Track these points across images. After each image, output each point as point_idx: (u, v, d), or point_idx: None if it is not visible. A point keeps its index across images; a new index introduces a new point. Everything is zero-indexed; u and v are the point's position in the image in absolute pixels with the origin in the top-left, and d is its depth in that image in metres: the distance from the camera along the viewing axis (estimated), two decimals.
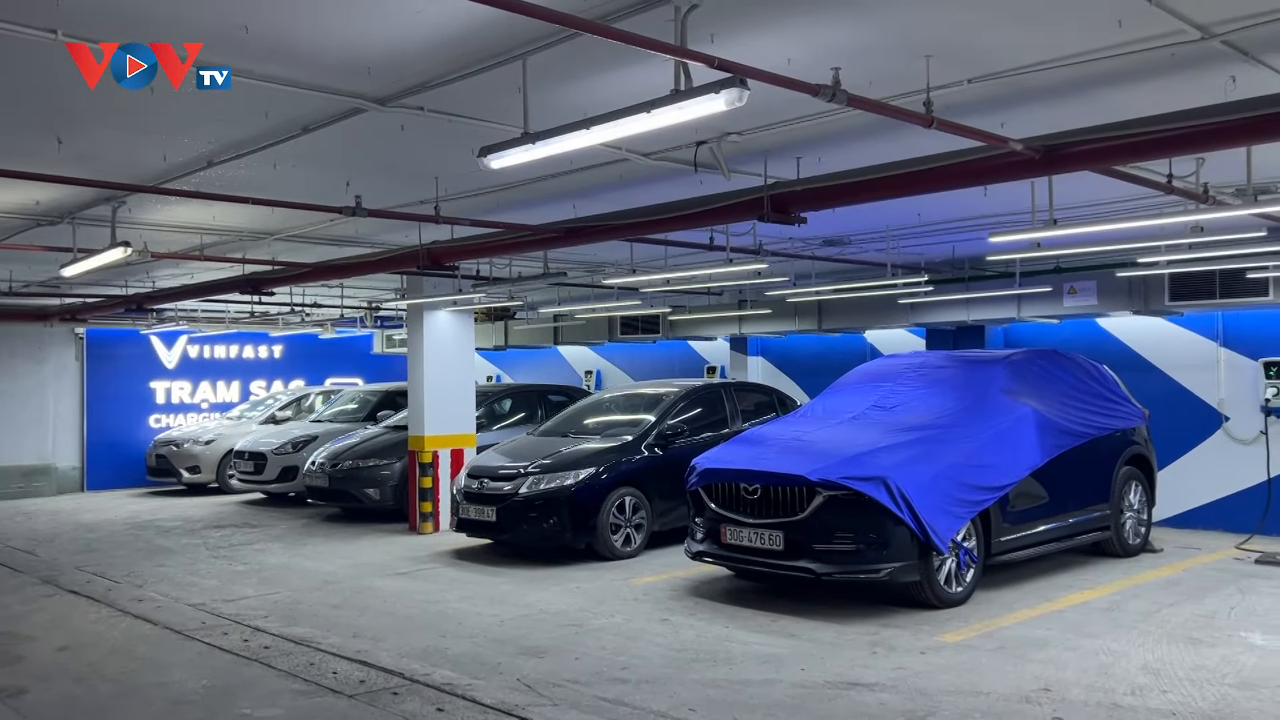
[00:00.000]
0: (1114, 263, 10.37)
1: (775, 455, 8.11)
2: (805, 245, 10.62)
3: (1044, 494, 8.48)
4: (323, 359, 19.80)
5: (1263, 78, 4.97)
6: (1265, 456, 10.66)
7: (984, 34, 4.60)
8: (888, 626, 7.07)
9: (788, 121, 5.94)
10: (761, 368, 16.10)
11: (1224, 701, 5.40)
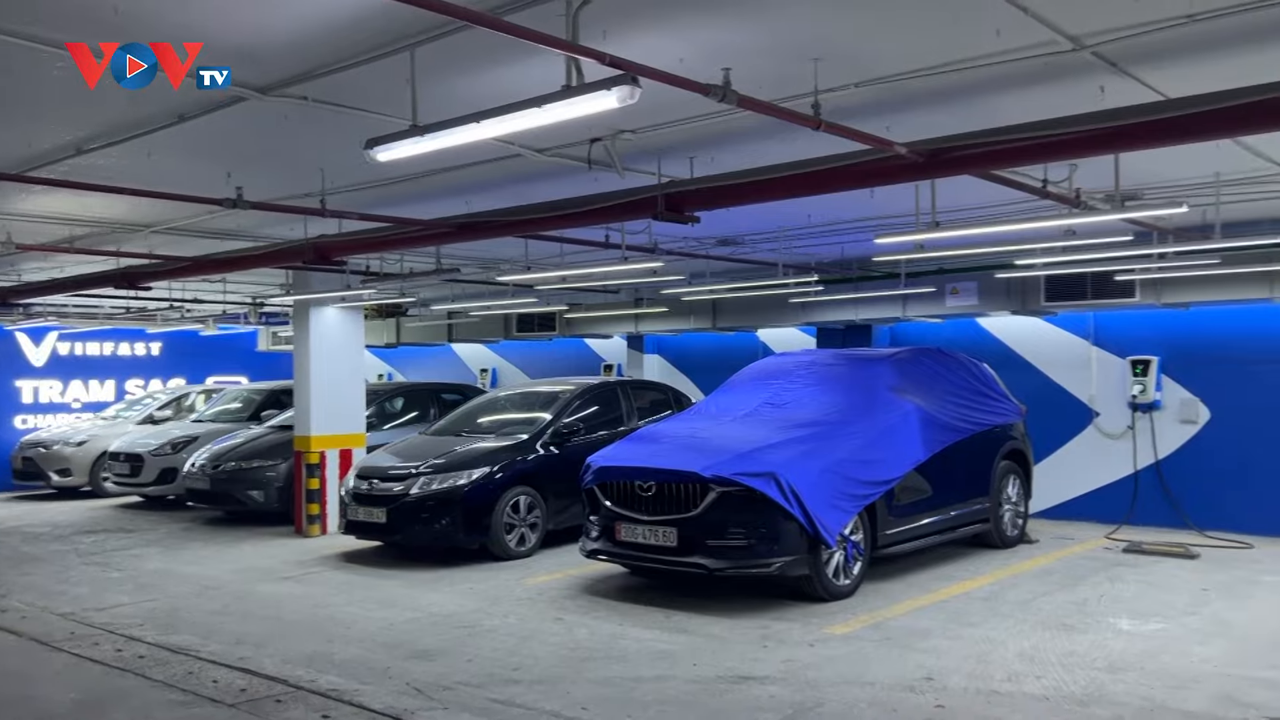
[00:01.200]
0: (993, 264, 10.76)
1: (669, 452, 8.16)
2: (700, 245, 10.71)
3: (927, 488, 8.74)
4: (204, 357, 19.09)
5: (1129, 88, 5.21)
6: (1132, 450, 11.22)
7: (870, 39, 4.71)
8: (778, 620, 7.18)
9: (681, 121, 5.98)
10: (658, 366, 16.19)
11: (1094, 685, 5.65)
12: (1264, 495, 10.34)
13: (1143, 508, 11.05)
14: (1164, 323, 11.09)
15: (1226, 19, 4.33)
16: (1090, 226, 7.70)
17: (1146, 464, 11.14)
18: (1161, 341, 11.15)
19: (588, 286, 13.12)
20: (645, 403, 11.41)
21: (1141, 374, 11.07)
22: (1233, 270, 9.22)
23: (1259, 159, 6.90)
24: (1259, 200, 8.17)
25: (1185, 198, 7.27)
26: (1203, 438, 10.86)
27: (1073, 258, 8.99)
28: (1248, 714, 5.15)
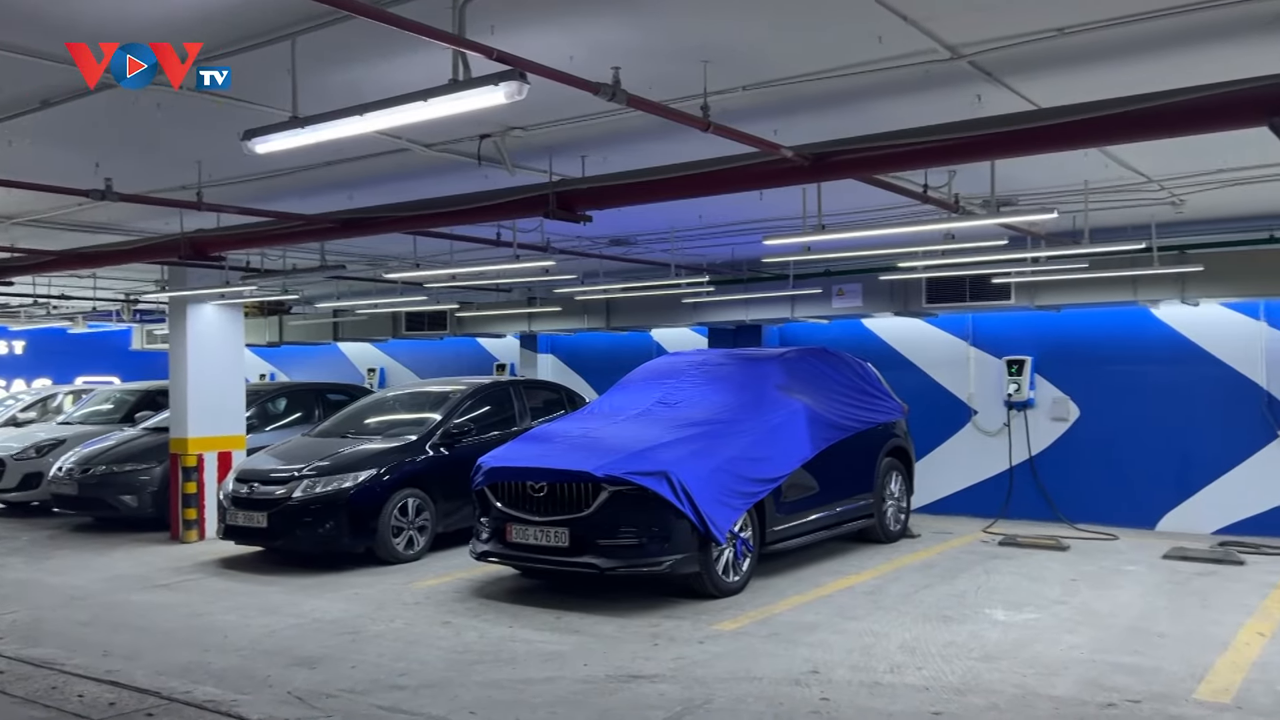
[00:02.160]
0: (878, 267, 11.05)
1: (562, 452, 8.13)
2: (593, 244, 10.70)
3: (814, 485, 8.93)
4: (73, 355, 18.20)
5: (1004, 97, 5.40)
6: (1008, 447, 11.67)
7: (757, 43, 4.76)
8: (669, 618, 7.22)
9: (572, 119, 5.95)
10: (552, 365, 16.12)
11: (970, 674, 5.84)
12: (1128, 489, 10.89)
13: (1018, 502, 11.51)
14: (1037, 324, 11.57)
15: (1095, 33, 4.51)
16: (968, 231, 7.98)
17: (1021, 460, 11.60)
18: (1035, 342, 11.63)
19: (479, 285, 12.97)
20: (539, 403, 11.33)
21: (1016, 373, 11.52)
22: (1100, 274, 9.68)
23: (1124, 169, 7.25)
24: (1124, 208, 8.58)
25: (1056, 204, 7.60)
26: (1073, 434, 11.37)
27: (952, 261, 9.30)
28: (1111, 698, 5.40)
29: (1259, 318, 10.33)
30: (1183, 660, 6.05)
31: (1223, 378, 10.49)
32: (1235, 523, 10.29)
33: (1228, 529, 10.28)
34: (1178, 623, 6.93)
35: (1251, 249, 9.83)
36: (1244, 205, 8.70)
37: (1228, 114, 4.51)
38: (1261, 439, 10.27)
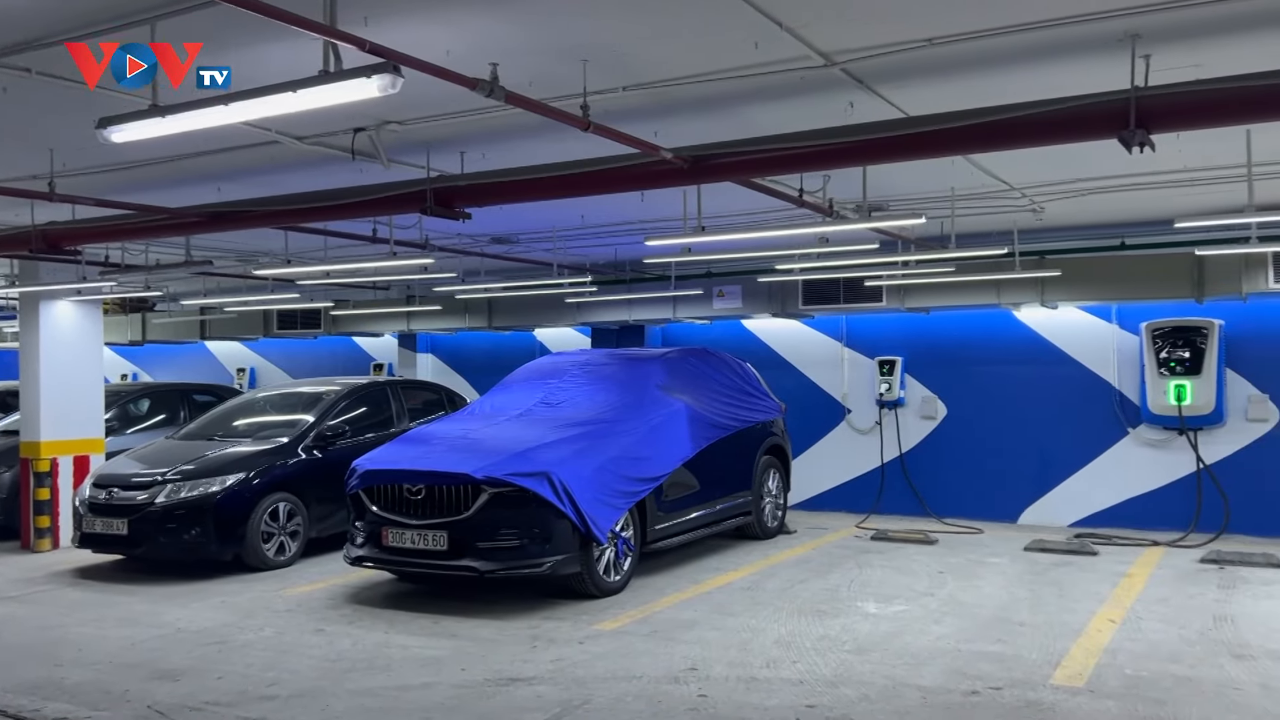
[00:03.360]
0: (757, 269, 11.24)
1: (440, 454, 8.00)
2: (474, 242, 10.57)
3: (695, 483, 9.02)
4: None
5: (876, 105, 5.56)
6: (880, 445, 12.03)
7: (636, 44, 4.77)
8: (549, 619, 7.18)
9: (450, 115, 5.85)
10: (432, 365, 15.86)
11: (843, 666, 5.99)
12: (992, 484, 11.36)
13: (889, 498, 11.88)
14: (908, 326, 11.97)
15: (961, 44, 4.69)
16: (842, 235, 8.20)
17: (892, 457, 11.97)
18: (905, 343, 12.02)
19: (355, 282, 12.66)
20: (418, 403, 11.12)
21: (888, 373, 11.89)
22: (966, 278, 10.09)
23: (989, 176, 7.55)
24: (988, 214, 8.95)
25: (925, 210, 7.88)
26: (941, 432, 11.80)
27: (827, 264, 9.54)
28: (975, 685, 5.62)
29: (1111, 320, 10.92)
30: (1041, 648, 6.34)
31: (1079, 378, 11.05)
32: (1090, 515, 10.85)
33: (1083, 521, 10.83)
34: (1037, 612, 7.25)
35: (1105, 255, 10.39)
36: (1098, 213, 9.18)
37: (1082, 126, 4.75)
38: (1114, 436, 10.86)
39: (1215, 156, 6.84)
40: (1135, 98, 4.50)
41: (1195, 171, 7.32)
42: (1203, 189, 7.83)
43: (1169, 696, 5.38)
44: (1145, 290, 10.13)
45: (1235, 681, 5.62)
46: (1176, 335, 10.24)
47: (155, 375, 18.71)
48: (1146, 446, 10.68)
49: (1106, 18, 4.33)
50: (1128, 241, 10.29)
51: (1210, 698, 5.37)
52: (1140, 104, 4.50)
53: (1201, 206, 8.41)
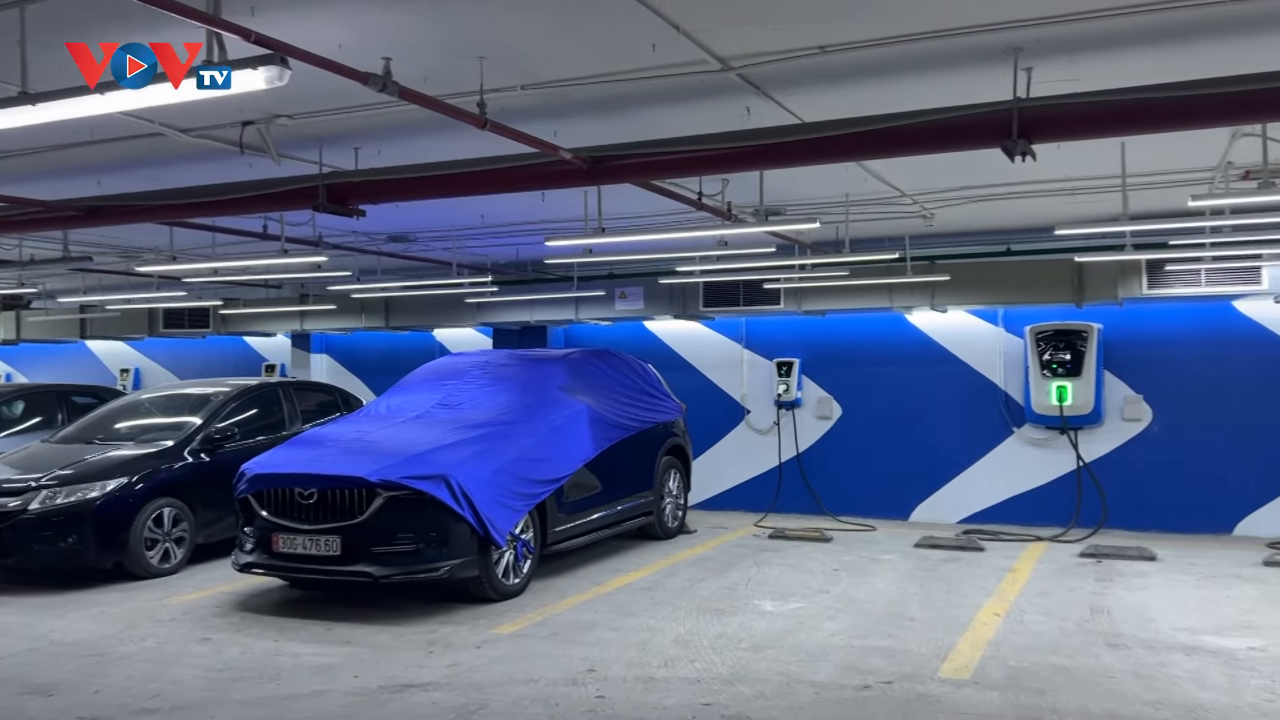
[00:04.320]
0: (658, 271, 11.31)
1: (334, 457, 7.82)
2: (370, 240, 10.36)
3: (596, 484, 9.01)
4: None
5: (772, 110, 5.64)
6: (777, 444, 12.22)
7: (534, 42, 4.74)
8: (446, 624, 7.08)
9: (344, 109, 5.72)
10: (326, 366, 15.49)
11: (740, 664, 6.06)
12: (885, 482, 11.65)
13: (787, 496, 12.07)
14: (804, 328, 12.19)
15: (854, 53, 4.79)
16: (741, 238, 8.30)
17: (789, 457, 12.18)
18: (802, 345, 12.24)
19: (246, 280, 12.27)
20: (311, 405, 10.84)
21: (785, 375, 12.09)
22: (860, 282, 10.33)
23: (881, 183, 7.74)
24: (881, 220, 9.17)
25: (820, 215, 8.02)
26: (836, 432, 12.05)
27: (727, 266, 9.65)
28: (866, 680, 5.74)
29: (998, 324, 11.32)
30: (930, 642, 6.52)
31: (967, 379, 11.41)
32: (977, 512, 11.22)
33: (971, 518, 11.20)
34: (927, 607, 7.46)
35: (991, 261, 10.77)
36: (985, 220, 9.50)
37: (967, 135, 4.90)
38: (1000, 435, 11.25)
39: (1093, 167, 7.14)
40: (1017, 108, 4.66)
41: (1074, 181, 7.64)
42: (1081, 198, 8.17)
43: (1048, 686, 5.59)
44: (1029, 295, 10.54)
45: (1110, 670, 5.88)
46: (1058, 338, 10.68)
47: (31, 376, 17.83)
48: (1030, 445, 11.10)
49: (990, 30, 4.48)
50: (1013, 248, 10.69)
51: (1086, 686, 5.60)
52: (1022, 115, 4.67)
53: (1080, 215, 8.77)
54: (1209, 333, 10.49)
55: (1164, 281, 9.85)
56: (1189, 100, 4.54)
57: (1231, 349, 10.39)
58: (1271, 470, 10.18)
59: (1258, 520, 10.21)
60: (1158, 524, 10.38)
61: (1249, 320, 10.38)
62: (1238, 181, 7.31)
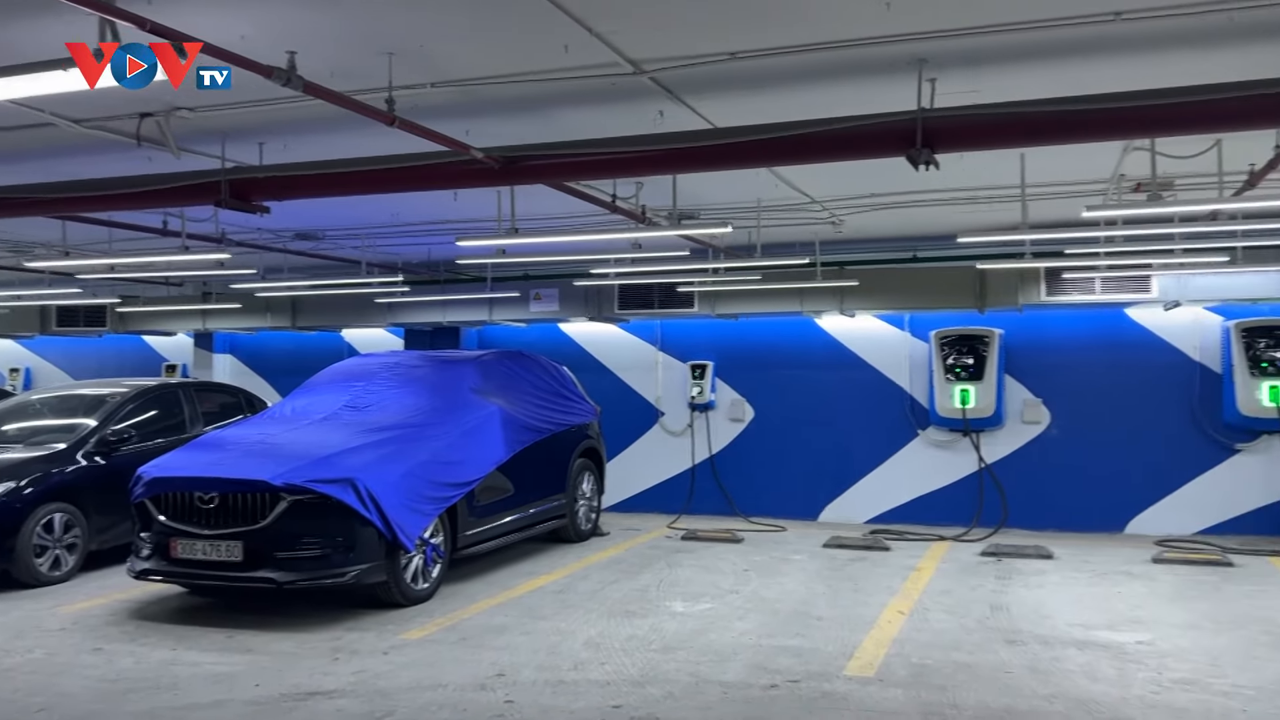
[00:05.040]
0: (573, 273, 11.28)
1: (236, 460, 7.61)
2: (277, 237, 10.10)
3: (509, 487, 8.95)
4: None
5: (684, 115, 5.67)
6: (691, 446, 12.30)
7: (444, 39, 4.68)
8: (352, 630, 6.94)
9: (247, 103, 5.56)
10: (230, 366, 15.06)
11: (650, 665, 6.08)
12: (795, 484, 11.82)
13: (700, 498, 12.16)
14: (718, 331, 12.30)
15: (764, 60, 4.84)
16: (655, 241, 8.33)
17: (703, 459, 12.27)
18: (716, 348, 12.35)
19: (145, 277, 11.85)
20: (213, 407, 10.53)
21: (699, 377, 12.18)
22: (772, 286, 10.47)
23: (792, 189, 7.85)
24: (792, 225, 9.30)
25: (732, 219, 8.08)
26: (748, 434, 12.18)
27: (641, 269, 9.68)
28: (774, 679, 5.81)
29: (904, 328, 11.59)
30: (836, 640, 6.63)
31: (874, 382, 11.65)
32: (884, 512, 11.46)
33: (878, 518, 11.43)
34: (834, 606, 7.59)
35: (898, 267, 11.02)
36: (892, 227, 9.70)
37: (874, 143, 5.01)
38: (905, 437, 11.52)
39: (994, 177, 7.35)
40: (921, 119, 4.78)
41: (977, 190, 7.85)
42: (983, 207, 8.41)
43: (950, 682, 5.73)
44: (933, 300, 10.82)
45: (1007, 666, 6.06)
46: (961, 343, 10.98)
47: None
48: (934, 447, 11.39)
49: (895, 42, 4.58)
50: (919, 254, 10.94)
51: (986, 682, 5.76)
52: (926, 124, 4.79)
53: (982, 223, 9.03)
54: (1103, 339, 10.91)
55: (1061, 289, 10.21)
56: (1082, 114, 4.71)
57: (1124, 355, 10.82)
58: (1160, 471, 10.63)
59: (1147, 519, 10.65)
60: (1055, 523, 10.74)
61: (1140, 327, 10.83)
62: (1129, 194, 7.62)
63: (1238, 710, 5.26)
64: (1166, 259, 8.62)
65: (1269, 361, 9.99)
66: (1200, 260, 8.59)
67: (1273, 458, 10.25)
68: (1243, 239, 8.38)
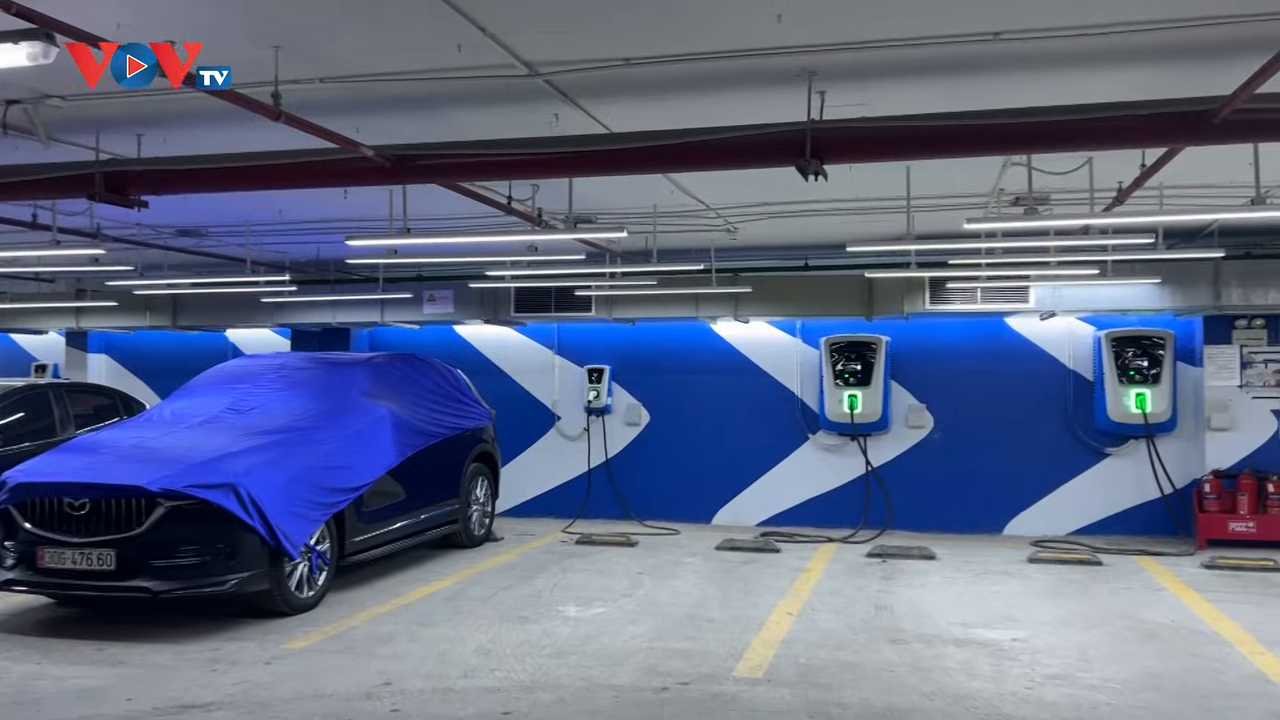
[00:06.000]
0: (468, 274, 11.16)
1: (109, 464, 7.29)
2: (156, 233, 9.71)
3: (400, 492, 8.79)
4: None
5: (580, 119, 5.66)
6: (587, 450, 12.30)
7: (333, 34, 4.58)
8: (233, 640, 6.72)
9: (124, 93, 5.29)
10: (106, 367, 14.43)
11: (541, 671, 6.04)
12: (689, 488, 11.92)
13: (595, 502, 12.16)
14: (615, 336, 12.33)
15: (660, 66, 4.87)
16: (551, 244, 8.30)
17: (599, 462, 12.28)
18: (613, 352, 12.37)
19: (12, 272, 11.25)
20: (87, 409, 10.10)
21: (596, 381, 12.19)
22: (668, 291, 10.57)
23: (687, 196, 7.92)
24: (688, 232, 9.39)
25: (629, 224, 8.13)
26: (644, 438, 12.24)
27: (538, 272, 9.63)
28: (665, 682, 5.85)
29: (795, 335, 11.82)
30: (727, 642, 6.71)
31: (768, 387, 11.85)
32: (775, 515, 11.65)
33: (769, 521, 11.62)
34: (725, 608, 7.68)
35: (790, 275, 11.23)
36: (784, 236, 9.88)
37: (765, 153, 5.10)
38: (796, 441, 11.74)
39: (882, 189, 7.56)
40: (811, 129, 4.88)
41: (865, 201, 8.06)
42: (871, 217, 8.64)
43: (835, 681, 5.86)
44: (824, 308, 11.06)
45: (891, 664, 6.22)
46: (850, 350, 11.26)
47: None
48: (824, 451, 11.64)
49: (787, 53, 4.66)
50: (810, 262, 11.18)
51: (870, 680, 5.90)
52: (815, 135, 4.90)
53: (870, 234, 9.27)
54: (984, 347, 11.32)
55: (945, 298, 10.55)
56: (964, 129, 4.89)
57: (1004, 362, 11.25)
58: (1037, 474, 11.09)
59: (1024, 521, 11.10)
60: (937, 525, 11.09)
61: (1019, 336, 11.28)
62: (1008, 207, 7.92)
63: (1103, 703, 5.51)
64: (1043, 270, 9.00)
65: (1136, 370, 10.52)
66: (1073, 272, 9.00)
67: (1139, 461, 10.78)
68: (1113, 253, 8.81)
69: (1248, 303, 9.94)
